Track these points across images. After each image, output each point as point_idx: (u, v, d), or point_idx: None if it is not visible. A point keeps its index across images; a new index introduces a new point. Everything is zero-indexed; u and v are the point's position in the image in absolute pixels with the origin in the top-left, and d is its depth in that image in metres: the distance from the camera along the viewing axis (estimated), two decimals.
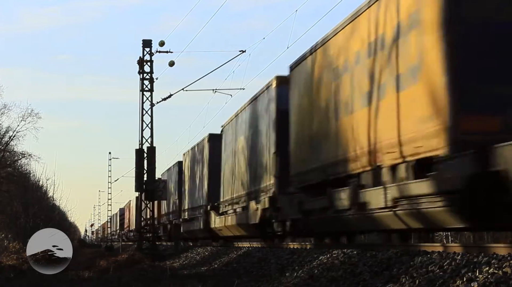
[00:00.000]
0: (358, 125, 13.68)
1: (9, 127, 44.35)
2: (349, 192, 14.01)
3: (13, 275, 19.11)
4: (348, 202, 14.04)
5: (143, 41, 32.68)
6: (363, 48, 13.38)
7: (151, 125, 32.63)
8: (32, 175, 50.21)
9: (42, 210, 47.09)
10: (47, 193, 52.54)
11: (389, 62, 12.25)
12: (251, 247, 21.29)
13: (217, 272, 17.64)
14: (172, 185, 41.12)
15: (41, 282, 16.87)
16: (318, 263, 13.18)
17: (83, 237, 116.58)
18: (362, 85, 13.41)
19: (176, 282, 15.33)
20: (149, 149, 32.28)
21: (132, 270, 19.02)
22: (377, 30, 12.80)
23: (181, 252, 29.50)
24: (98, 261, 23.89)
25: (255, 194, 21.90)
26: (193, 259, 24.92)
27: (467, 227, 11.45)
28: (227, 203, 26.61)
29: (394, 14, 12.10)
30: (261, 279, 14.12)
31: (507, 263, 8.27)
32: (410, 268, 9.96)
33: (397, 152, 11.85)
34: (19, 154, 46.53)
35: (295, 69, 18.16)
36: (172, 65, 31.75)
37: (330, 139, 15.30)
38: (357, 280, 10.72)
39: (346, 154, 14.30)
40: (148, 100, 32.63)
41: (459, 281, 8.37)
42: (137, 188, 32.56)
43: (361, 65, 13.58)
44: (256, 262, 16.70)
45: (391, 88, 12.15)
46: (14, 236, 38.11)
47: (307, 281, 12.06)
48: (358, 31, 13.80)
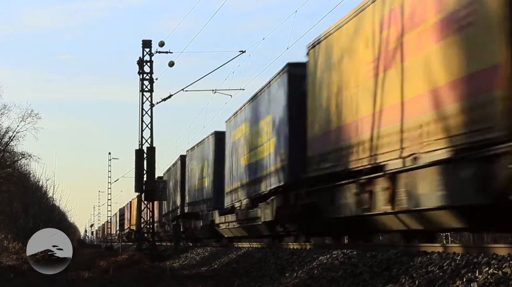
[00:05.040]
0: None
1: (9, 128, 44.46)
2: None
3: (13, 275, 19.11)
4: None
5: (143, 41, 32.70)
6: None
7: (151, 126, 32.65)
8: (32, 175, 50.24)
9: (42, 211, 47.07)
10: (47, 193, 52.53)
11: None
12: (251, 247, 21.29)
13: (217, 272, 17.63)
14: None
15: (41, 282, 16.87)
16: (318, 263, 13.18)
17: (83, 237, 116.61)
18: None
19: (176, 282, 15.33)
20: (149, 149, 32.28)
21: (132, 270, 19.03)
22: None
23: (181, 252, 29.49)
24: (98, 262, 23.91)
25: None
26: (193, 259, 24.91)
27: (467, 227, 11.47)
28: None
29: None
30: (261, 279, 14.13)
31: (507, 263, 8.27)
32: (410, 269, 9.96)
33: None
34: (19, 154, 46.60)
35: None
36: (172, 65, 31.78)
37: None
38: (357, 281, 10.72)
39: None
40: (148, 101, 32.66)
41: (459, 282, 8.37)
42: (137, 188, 32.56)
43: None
44: (256, 262, 16.70)
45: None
46: (14, 237, 38.08)
47: (307, 281, 12.06)
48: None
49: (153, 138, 32.51)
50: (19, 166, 47.76)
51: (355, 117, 14.41)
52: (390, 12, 12.98)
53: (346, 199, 14.75)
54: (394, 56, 12.77)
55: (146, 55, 32.57)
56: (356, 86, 14.42)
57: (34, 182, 50.29)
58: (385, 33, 13.16)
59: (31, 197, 46.33)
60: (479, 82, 10.20)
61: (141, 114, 32.56)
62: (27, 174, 49.48)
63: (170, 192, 39.98)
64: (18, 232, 39.98)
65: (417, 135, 11.68)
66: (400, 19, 12.53)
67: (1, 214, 42.20)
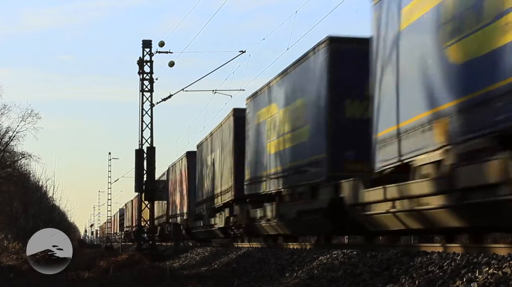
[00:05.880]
0: None
1: (9, 128, 44.40)
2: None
3: (13, 275, 19.10)
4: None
5: (143, 41, 32.71)
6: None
7: (151, 126, 32.67)
8: (32, 175, 50.24)
9: (42, 211, 47.08)
10: (47, 193, 52.55)
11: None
12: (251, 248, 21.28)
13: (217, 272, 17.63)
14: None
15: (41, 282, 16.87)
16: (318, 263, 13.18)
17: (83, 237, 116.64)
18: None
19: (176, 282, 15.33)
20: (149, 149, 32.30)
21: (132, 270, 19.02)
22: None
23: (181, 252, 29.49)
24: (98, 262, 23.90)
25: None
26: (193, 259, 24.90)
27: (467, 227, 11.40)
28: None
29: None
30: (260, 279, 14.13)
31: (507, 263, 8.27)
32: (410, 269, 9.96)
33: None
34: (19, 154, 46.57)
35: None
36: (172, 65, 31.79)
37: None
38: (357, 281, 10.72)
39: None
40: (148, 101, 32.68)
41: (459, 282, 8.37)
42: (137, 188, 32.58)
43: None
44: (255, 263, 16.70)
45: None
46: (14, 237, 38.10)
47: (307, 281, 12.05)
48: None
49: (153, 138, 32.56)
50: (19, 166, 47.76)
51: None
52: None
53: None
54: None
55: (146, 55, 32.61)
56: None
57: (34, 182, 50.32)
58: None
59: (31, 197, 46.35)
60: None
61: (141, 114, 32.61)
62: (27, 174, 49.49)
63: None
64: (18, 232, 40.02)
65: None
66: None
67: (1, 214, 42.22)
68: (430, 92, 11.24)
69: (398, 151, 12.30)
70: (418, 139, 11.48)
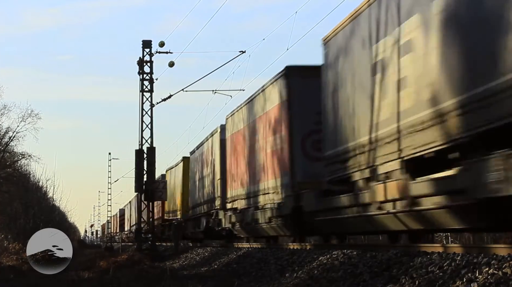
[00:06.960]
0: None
1: (9, 128, 44.38)
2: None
3: (13, 275, 19.12)
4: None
5: (143, 41, 32.70)
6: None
7: (151, 126, 32.66)
8: (32, 176, 50.27)
9: (42, 211, 47.10)
10: (47, 193, 52.58)
11: None
12: (251, 248, 21.29)
13: (217, 272, 17.64)
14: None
15: (41, 282, 16.88)
16: (318, 263, 13.19)
17: (83, 237, 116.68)
18: None
19: (176, 282, 15.34)
20: (149, 149, 32.29)
21: (132, 270, 19.03)
22: None
23: (181, 252, 29.50)
24: (98, 262, 23.92)
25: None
26: (193, 259, 24.91)
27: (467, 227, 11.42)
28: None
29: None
30: (261, 279, 14.13)
31: (507, 263, 8.27)
32: (410, 269, 9.97)
33: None
34: (19, 155, 46.56)
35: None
36: (172, 65, 31.79)
37: None
38: (357, 281, 10.73)
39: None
40: (148, 101, 32.67)
41: (459, 282, 8.37)
42: (137, 188, 32.58)
43: None
44: (255, 263, 16.70)
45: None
46: (14, 237, 38.10)
47: (307, 281, 12.06)
48: None
49: (153, 139, 32.54)
50: (19, 166, 47.76)
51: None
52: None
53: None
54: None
55: (146, 56, 32.59)
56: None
57: (34, 182, 50.35)
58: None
59: (31, 197, 46.35)
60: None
61: (141, 114, 32.59)
62: (27, 174, 49.53)
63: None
64: (18, 232, 39.99)
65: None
66: None
67: (1, 214, 42.19)
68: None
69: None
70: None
